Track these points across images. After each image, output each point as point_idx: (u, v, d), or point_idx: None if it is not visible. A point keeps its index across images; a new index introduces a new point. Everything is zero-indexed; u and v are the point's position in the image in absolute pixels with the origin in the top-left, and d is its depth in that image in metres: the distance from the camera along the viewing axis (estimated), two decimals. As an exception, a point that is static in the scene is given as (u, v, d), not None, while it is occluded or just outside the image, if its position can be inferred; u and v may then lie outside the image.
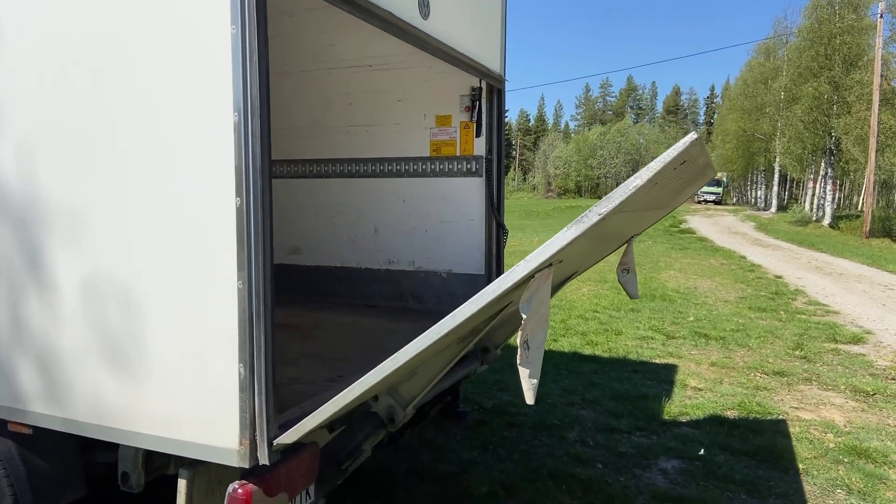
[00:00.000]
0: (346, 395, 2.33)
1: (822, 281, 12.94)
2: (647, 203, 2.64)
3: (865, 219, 25.11)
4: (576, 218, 1.96)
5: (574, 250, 2.26)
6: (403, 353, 2.23)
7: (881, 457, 4.49)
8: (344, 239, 5.12)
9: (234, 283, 2.22)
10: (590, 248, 2.90)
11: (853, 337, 8.05)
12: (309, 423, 2.36)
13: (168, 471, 2.73)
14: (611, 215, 1.91)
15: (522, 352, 2.18)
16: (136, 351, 2.40)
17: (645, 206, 2.71)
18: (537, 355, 2.26)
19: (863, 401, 5.73)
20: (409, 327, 4.27)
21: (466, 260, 4.73)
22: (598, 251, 3.32)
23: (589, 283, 12.22)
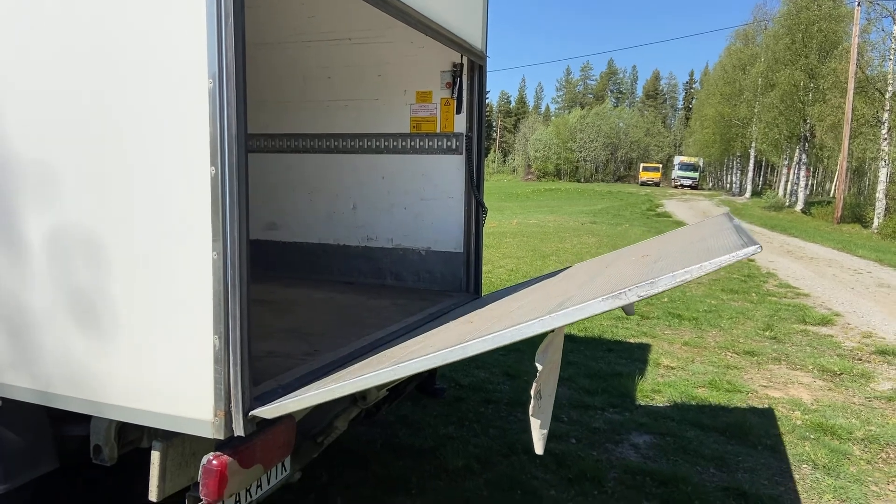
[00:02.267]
0: (335, 391, 2.32)
1: (793, 265, 13.21)
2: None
3: (837, 205, 25.63)
4: (613, 291, 1.89)
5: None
6: (407, 366, 2.19)
7: (846, 433, 4.63)
8: (322, 215, 5.08)
9: (209, 254, 2.19)
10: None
11: (822, 319, 8.24)
12: (291, 406, 2.36)
13: (142, 444, 2.71)
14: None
15: (535, 402, 2.16)
16: (109, 320, 2.36)
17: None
18: (548, 404, 2.26)
19: (829, 380, 5.89)
20: (388, 304, 4.27)
21: (445, 237, 4.73)
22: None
23: (567, 263, 12.30)
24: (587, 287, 2.59)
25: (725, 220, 3.84)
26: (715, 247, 2.25)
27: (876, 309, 9.03)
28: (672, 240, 3.64)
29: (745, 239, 2.12)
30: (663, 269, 2.15)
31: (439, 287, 4.74)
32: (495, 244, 14.98)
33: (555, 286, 3.20)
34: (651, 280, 1.84)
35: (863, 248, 16.43)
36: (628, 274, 2.40)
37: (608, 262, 3.67)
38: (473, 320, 2.90)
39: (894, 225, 20.64)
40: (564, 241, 15.97)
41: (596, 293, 2.15)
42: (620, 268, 2.98)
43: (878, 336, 7.49)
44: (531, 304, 2.66)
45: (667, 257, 2.58)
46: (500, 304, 3.31)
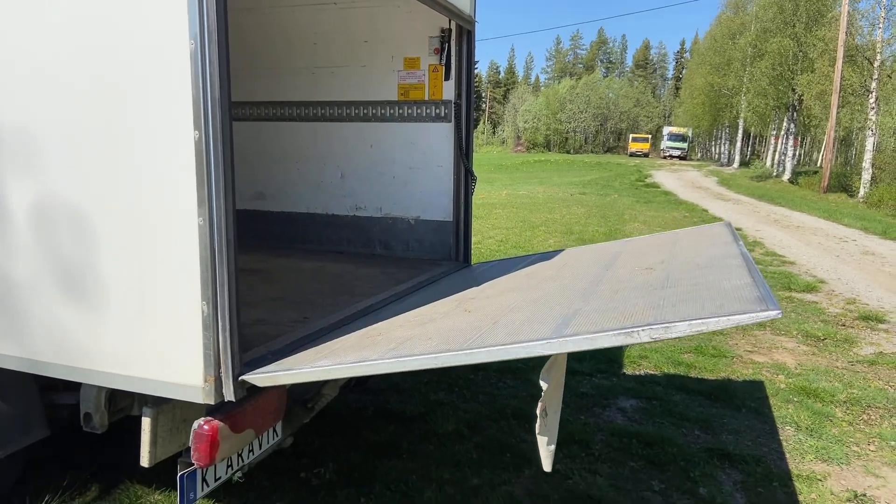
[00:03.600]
0: (331, 372, 2.31)
1: (779, 233, 13.32)
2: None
3: (824, 174, 25.76)
4: (624, 327, 1.88)
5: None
6: (408, 362, 2.19)
7: (828, 396, 4.72)
8: (310, 185, 5.04)
9: (195, 220, 2.17)
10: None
11: (807, 286, 8.35)
12: (283, 379, 2.36)
13: (132, 411, 2.72)
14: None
15: (541, 421, 2.17)
16: (95, 287, 2.35)
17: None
18: (554, 421, 2.26)
19: (813, 345, 5.99)
20: (377, 272, 4.27)
21: (434, 206, 4.71)
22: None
23: (556, 234, 12.35)
24: (592, 299, 2.53)
25: (727, 233, 3.79)
26: (728, 289, 2.21)
27: (860, 276, 9.15)
28: (673, 248, 3.56)
29: (762, 290, 2.08)
30: (674, 302, 2.14)
31: (429, 256, 4.74)
32: (484, 215, 14.97)
33: (553, 285, 3.11)
34: (666, 324, 1.83)
35: (848, 216, 16.58)
36: (634, 302, 2.32)
37: (606, 260, 3.58)
38: (470, 308, 2.86)
39: (880, 194, 20.80)
40: (553, 212, 15.98)
41: (605, 318, 2.13)
42: (623, 278, 2.92)
43: (861, 302, 7.60)
44: (532, 309, 2.60)
45: (673, 283, 2.51)
46: (496, 292, 3.24)
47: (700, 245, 3.50)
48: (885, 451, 3.94)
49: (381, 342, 2.49)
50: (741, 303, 1.95)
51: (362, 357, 2.28)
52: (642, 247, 3.91)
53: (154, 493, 3.14)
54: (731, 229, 3.93)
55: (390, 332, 2.68)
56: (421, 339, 2.39)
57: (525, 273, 3.76)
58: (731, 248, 3.11)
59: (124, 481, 3.20)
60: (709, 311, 1.92)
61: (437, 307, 3.10)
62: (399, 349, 2.30)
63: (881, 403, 4.63)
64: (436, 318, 2.80)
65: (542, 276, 3.48)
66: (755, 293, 2.04)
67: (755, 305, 1.88)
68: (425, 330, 2.56)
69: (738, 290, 2.15)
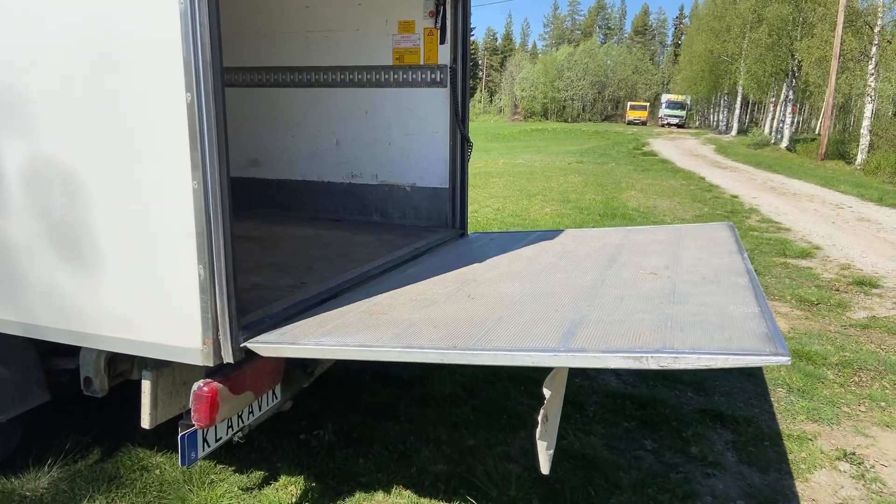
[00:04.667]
0: (337, 352, 2.33)
1: (776, 200, 13.32)
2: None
3: (822, 141, 25.64)
4: (632, 351, 1.91)
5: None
6: (415, 354, 2.22)
7: (821, 359, 4.78)
8: (304, 152, 5.01)
9: (189, 183, 2.16)
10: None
11: (802, 252, 8.39)
12: (287, 352, 2.38)
13: (132, 376, 2.75)
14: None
15: (542, 426, 2.20)
16: (91, 252, 2.35)
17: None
18: (554, 426, 2.29)
19: (807, 310, 6.05)
20: (374, 239, 4.28)
21: (431, 173, 4.69)
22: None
23: (553, 202, 12.33)
24: (597, 304, 2.53)
25: (731, 238, 3.76)
26: (736, 317, 2.21)
27: (855, 242, 9.19)
28: (677, 250, 3.53)
29: (770, 324, 2.09)
30: (682, 325, 2.14)
31: (425, 223, 4.74)
32: (481, 184, 14.91)
33: (556, 278, 3.10)
34: (675, 354, 1.87)
35: (845, 183, 16.57)
36: (641, 317, 2.32)
37: (609, 253, 3.58)
38: (472, 294, 2.86)
39: (877, 161, 20.75)
40: (550, 181, 15.93)
41: (613, 333, 2.15)
42: (627, 281, 2.90)
43: (856, 268, 7.65)
44: (536, 306, 2.60)
45: (680, 298, 2.51)
46: (498, 276, 3.23)
47: (704, 250, 3.48)
48: (875, 412, 4.01)
49: (385, 323, 2.50)
50: (750, 338, 1.98)
51: (367, 339, 2.30)
52: (644, 242, 3.89)
53: (156, 455, 3.19)
54: (733, 232, 3.92)
55: (393, 311, 2.68)
56: (426, 327, 2.41)
57: (526, 256, 3.74)
58: (736, 261, 3.12)
59: (126, 444, 3.25)
60: (717, 341, 1.96)
61: (439, 286, 3.11)
62: (405, 335, 2.32)
63: (872, 366, 4.69)
64: (439, 299, 2.81)
65: (543, 263, 3.47)
66: (763, 328, 2.07)
67: (764, 345, 1.90)
68: (429, 314, 2.57)
69: (746, 320, 2.17)
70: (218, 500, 2.87)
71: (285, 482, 3.03)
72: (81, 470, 3.05)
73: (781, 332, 2.04)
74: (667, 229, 4.27)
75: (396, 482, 3.06)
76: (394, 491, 3.00)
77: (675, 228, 4.26)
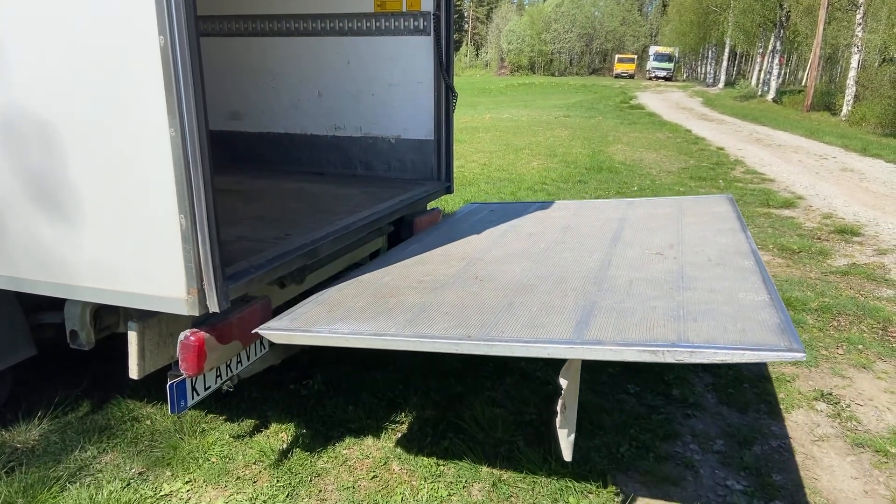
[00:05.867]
0: (350, 341, 2.31)
1: (761, 152, 13.35)
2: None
3: (808, 93, 25.56)
4: (648, 345, 1.93)
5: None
6: (428, 344, 2.22)
7: (801, 305, 4.88)
8: (286, 104, 4.91)
9: (166, 131, 2.12)
10: None
11: (785, 202, 8.46)
12: (300, 339, 2.39)
13: (118, 329, 2.75)
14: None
15: (561, 415, 2.23)
16: (71, 202, 2.32)
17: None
18: (573, 413, 2.31)
19: (789, 258, 6.14)
20: (358, 192, 4.24)
21: (415, 125, 4.63)
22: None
23: (539, 157, 12.27)
24: (607, 288, 2.54)
25: (731, 212, 3.74)
26: (747, 305, 2.22)
27: (837, 192, 9.27)
28: (679, 226, 3.52)
29: (781, 315, 2.11)
30: (694, 315, 2.16)
31: (410, 176, 4.70)
32: (468, 139, 14.78)
33: (563, 257, 3.09)
34: (691, 349, 1.89)
35: (830, 134, 16.61)
36: (653, 304, 2.33)
37: (612, 229, 3.56)
38: (480, 276, 2.86)
39: (862, 112, 20.75)
40: (537, 135, 15.82)
41: (626, 322, 2.16)
42: (634, 262, 2.90)
43: (837, 217, 7.74)
44: (545, 290, 2.60)
45: (688, 284, 2.52)
46: (504, 255, 3.22)
47: (707, 227, 3.49)
48: (853, 355, 4.11)
49: (396, 308, 2.50)
50: (764, 331, 2.00)
51: (380, 327, 2.31)
52: (646, 216, 3.88)
53: (146, 406, 3.22)
54: (733, 205, 3.93)
55: (402, 294, 2.69)
56: (437, 313, 2.42)
57: (529, 232, 3.73)
58: (740, 240, 3.12)
59: (116, 397, 3.28)
60: (731, 333, 1.98)
61: (445, 265, 3.11)
62: (417, 322, 2.33)
63: (851, 310, 4.79)
64: (446, 281, 2.82)
65: (548, 240, 3.47)
66: (775, 318, 2.09)
67: (779, 339, 1.92)
68: (438, 298, 2.58)
69: (757, 309, 2.19)
70: (209, 448, 2.92)
71: (276, 429, 3.08)
72: (72, 422, 3.08)
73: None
74: (667, 202, 4.26)
75: (385, 428, 3.12)
76: (383, 436, 3.06)
77: (676, 201, 4.26)
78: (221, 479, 2.73)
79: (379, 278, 2.94)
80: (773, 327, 2.02)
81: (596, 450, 2.96)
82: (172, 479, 2.73)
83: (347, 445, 2.99)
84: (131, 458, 2.84)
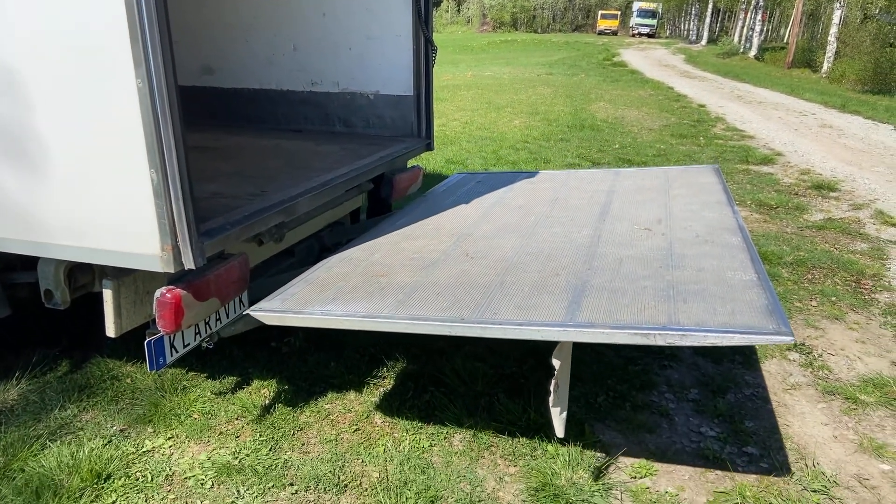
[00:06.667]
0: (344, 323, 2.29)
1: (741, 109, 13.36)
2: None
3: (790, 49, 25.49)
4: (640, 328, 1.95)
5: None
6: (424, 326, 2.19)
7: (776, 258, 4.96)
8: (261, 58, 4.78)
9: (133, 82, 2.05)
10: None
11: (764, 158, 8.51)
12: (292, 321, 2.36)
13: (94, 288, 2.71)
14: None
15: (553, 394, 2.23)
16: (39, 157, 2.25)
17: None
18: (564, 391, 2.32)
19: (766, 213, 6.20)
20: (337, 149, 4.18)
21: (394, 80, 4.54)
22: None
23: (521, 115, 12.16)
24: (597, 267, 2.54)
25: (718, 184, 3.73)
26: (736, 285, 2.24)
27: (816, 148, 9.34)
28: (668, 199, 3.52)
29: (770, 296, 2.13)
30: (684, 296, 2.19)
31: (390, 132, 4.64)
32: (449, 97, 14.58)
33: (552, 232, 3.08)
34: (682, 332, 1.92)
35: (810, 91, 16.63)
36: (643, 283, 2.35)
37: (600, 202, 3.54)
38: (470, 253, 2.85)
39: (842, 69, 20.77)
40: (519, 93, 15.65)
41: (617, 304, 2.16)
42: (623, 237, 2.90)
43: (815, 172, 7.81)
44: (536, 268, 2.60)
45: (678, 262, 2.54)
46: (494, 230, 3.20)
47: (694, 200, 3.50)
48: (826, 306, 4.20)
49: (388, 288, 2.49)
50: (753, 312, 2.02)
51: (373, 308, 2.30)
52: (634, 188, 3.88)
53: (126, 365, 3.21)
54: (720, 176, 3.95)
55: (394, 273, 2.67)
56: (429, 293, 2.42)
57: (517, 205, 3.71)
58: (727, 215, 3.14)
59: (95, 357, 3.26)
60: (721, 315, 2.01)
61: (435, 241, 3.09)
62: (410, 303, 2.32)
63: (826, 263, 4.88)
64: (437, 259, 2.80)
65: (537, 213, 3.46)
66: (763, 299, 2.11)
67: (767, 322, 1.94)
68: (431, 278, 2.57)
69: (746, 289, 2.21)
70: (191, 405, 2.93)
71: (258, 386, 3.09)
72: (51, 381, 3.06)
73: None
74: (654, 173, 4.26)
75: (367, 383, 3.15)
76: (365, 391, 3.09)
77: (663, 172, 4.26)
78: (204, 435, 2.75)
79: (369, 255, 2.92)
80: (762, 309, 2.05)
81: (574, 400, 3.01)
82: (154, 435, 2.74)
83: (330, 400, 3.01)
84: (112, 416, 2.84)
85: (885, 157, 8.69)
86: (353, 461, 2.62)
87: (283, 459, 2.61)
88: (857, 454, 2.75)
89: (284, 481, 2.49)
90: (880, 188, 7.07)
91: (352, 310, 2.32)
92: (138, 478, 2.49)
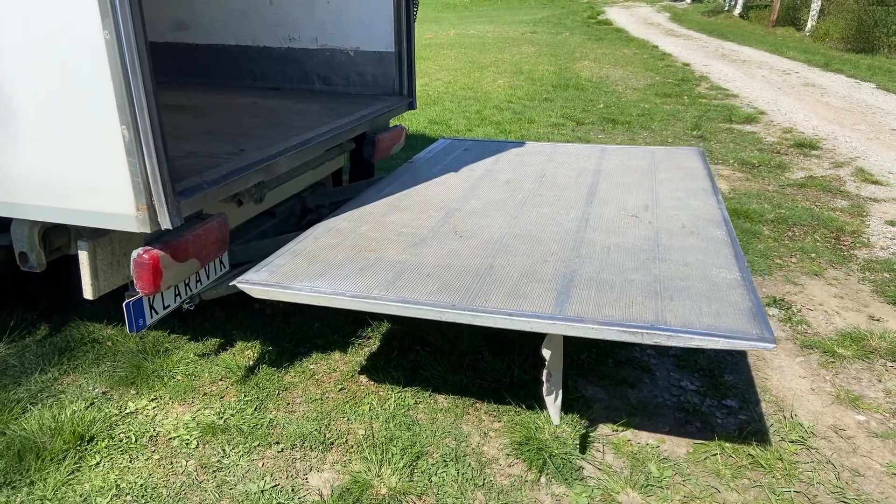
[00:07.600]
0: (333, 301, 2.27)
1: (725, 67, 13.27)
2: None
3: (774, 7, 25.26)
4: (628, 325, 2.00)
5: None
6: (411, 309, 2.18)
7: (758, 216, 4.99)
8: (235, 12, 4.62)
9: (100, 34, 1.96)
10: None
11: (747, 117, 8.49)
12: (278, 296, 2.32)
13: (70, 251, 2.65)
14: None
15: (546, 384, 2.27)
16: (7, 111, 2.16)
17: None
18: (558, 379, 2.34)
19: (748, 171, 6.22)
20: (317, 107, 4.09)
21: (375, 35, 4.42)
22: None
23: (505, 74, 11.99)
24: (586, 256, 2.56)
25: (703, 170, 3.74)
26: (720, 284, 2.30)
27: (799, 107, 9.34)
28: (654, 183, 3.54)
29: (753, 298, 2.19)
30: (670, 293, 2.24)
31: (371, 91, 4.54)
32: (432, 56, 14.31)
33: (540, 213, 3.08)
34: (669, 333, 1.99)
35: (794, 49, 16.54)
36: (632, 276, 2.38)
37: (587, 183, 3.55)
38: (459, 231, 2.83)
39: (826, 27, 20.64)
40: (503, 52, 15.39)
41: (605, 297, 2.20)
42: (610, 224, 2.92)
43: (797, 131, 7.82)
44: (525, 252, 2.60)
45: (664, 254, 2.57)
46: (482, 206, 3.17)
47: (680, 186, 3.54)
48: (805, 263, 4.25)
49: (377, 265, 2.47)
50: (737, 315, 2.09)
51: (362, 286, 2.29)
52: (620, 168, 3.92)
53: (107, 328, 3.17)
54: (704, 161, 4.00)
55: (382, 248, 2.65)
56: (419, 274, 2.41)
57: (505, 179, 3.69)
58: (711, 204, 3.20)
59: (75, 319, 3.21)
60: (706, 317, 2.07)
61: (423, 216, 3.06)
62: (398, 284, 2.32)
63: (806, 221, 4.92)
64: (426, 235, 2.79)
65: (525, 191, 3.47)
66: (748, 301, 2.18)
67: (751, 327, 2.01)
68: (419, 257, 2.56)
69: (731, 289, 2.27)
70: (174, 366, 2.91)
71: (241, 347, 3.08)
72: (30, 345, 3.02)
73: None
74: (640, 153, 4.29)
75: (352, 343, 3.15)
76: (350, 351, 3.09)
77: (649, 152, 4.29)
78: (188, 396, 2.73)
79: (356, 227, 2.88)
80: (746, 312, 2.11)
81: (558, 357, 3.04)
82: (137, 397, 2.73)
83: (314, 360, 3.01)
84: (94, 379, 2.82)
85: (867, 116, 8.71)
86: (338, 419, 2.63)
87: (269, 419, 2.62)
88: (834, 406, 2.81)
89: (270, 440, 2.50)
90: (861, 146, 7.11)
91: (340, 287, 2.31)
92: (122, 439, 2.48)
